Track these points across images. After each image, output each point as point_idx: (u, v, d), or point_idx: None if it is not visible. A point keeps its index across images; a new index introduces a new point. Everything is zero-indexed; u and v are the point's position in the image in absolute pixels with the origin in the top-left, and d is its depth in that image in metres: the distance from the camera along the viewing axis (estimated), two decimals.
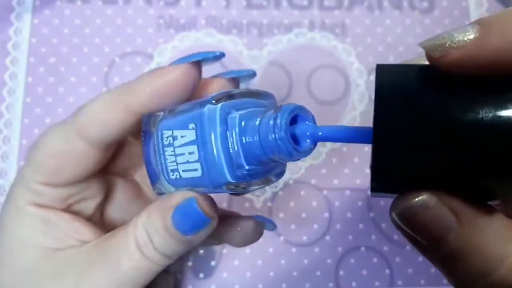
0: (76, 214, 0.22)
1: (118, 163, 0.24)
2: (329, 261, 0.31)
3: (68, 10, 0.35)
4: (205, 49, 0.35)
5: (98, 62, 0.34)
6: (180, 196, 0.19)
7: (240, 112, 0.17)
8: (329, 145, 0.33)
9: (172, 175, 0.19)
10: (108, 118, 0.20)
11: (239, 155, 0.17)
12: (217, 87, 0.22)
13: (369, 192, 0.32)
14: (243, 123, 0.17)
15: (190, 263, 0.31)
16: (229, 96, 0.18)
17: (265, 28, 0.35)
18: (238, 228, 0.23)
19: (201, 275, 0.31)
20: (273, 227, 0.25)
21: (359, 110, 0.34)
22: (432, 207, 0.14)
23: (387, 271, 0.31)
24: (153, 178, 0.20)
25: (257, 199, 0.32)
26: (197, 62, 0.21)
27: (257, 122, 0.17)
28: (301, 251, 0.31)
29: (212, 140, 0.17)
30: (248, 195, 0.32)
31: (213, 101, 0.17)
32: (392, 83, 0.14)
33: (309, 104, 0.34)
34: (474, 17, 0.36)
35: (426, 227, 0.14)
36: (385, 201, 0.33)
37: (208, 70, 0.23)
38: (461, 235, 0.14)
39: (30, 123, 0.32)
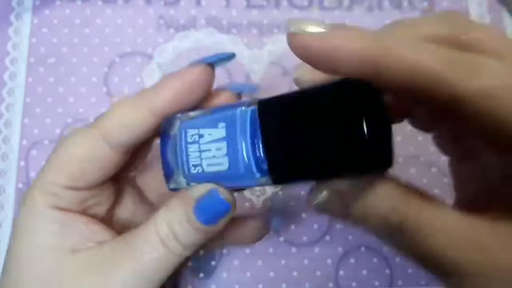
0: (92, 216, 0.23)
1: (128, 169, 0.25)
2: (329, 261, 0.31)
3: (68, 10, 0.35)
4: (205, 49, 0.35)
5: (98, 62, 0.34)
6: (203, 188, 0.20)
7: None
8: None
9: (194, 169, 0.20)
10: (133, 120, 0.21)
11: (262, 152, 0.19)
12: (224, 99, 0.24)
13: None
14: None
15: (190, 263, 0.31)
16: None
17: (265, 28, 0.35)
18: (246, 227, 0.25)
19: (201, 275, 0.31)
20: (278, 225, 0.25)
21: None
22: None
23: (387, 271, 0.31)
24: (169, 175, 0.21)
25: (257, 199, 0.32)
26: (212, 64, 0.22)
27: None
28: (301, 251, 0.31)
29: (241, 139, 0.19)
30: (248, 195, 0.32)
31: (246, 105, 0.19)
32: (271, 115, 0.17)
33: None
34: (474, 16, 0.36)
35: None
36: None
37: None
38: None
39: (30, 123, 0.32)
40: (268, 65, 0.34)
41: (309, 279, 0.31)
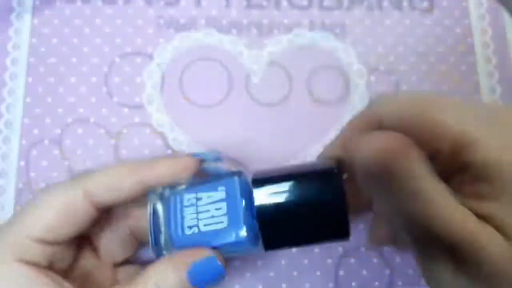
0: (57, 272, 0.22)
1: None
2: (329, 261, 0.31)
3: (68, 10, 0.35)
4: (205, 49, 0.35)
5: (98, 62, 0.34)
6: (198, 253, 0.21)
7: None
8: None
9: (189, 230, 0.22)
10: (121, 185, 0.23)
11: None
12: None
13: None
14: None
15: None
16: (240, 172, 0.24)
17: (265, 28, 0.35)
18: None
19: None
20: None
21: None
22: None
23: (387, 271, 0.31)
24: (157, 242, 0.23)
25: None
26: (201, 159, 0.25)
27: None
28: (301, 251, 0.31)
29: (241, 200, 0.22)
30: None
31: (241, 174, 0.24)
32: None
33: (309, 105, 0.34)
34: (474, 17, 0.36)
35: None
36: None
37: None
38: None
39: (30, 123, 0.32)
40: (268, 65, 0.34)
41: (309, 279, 0.31)
